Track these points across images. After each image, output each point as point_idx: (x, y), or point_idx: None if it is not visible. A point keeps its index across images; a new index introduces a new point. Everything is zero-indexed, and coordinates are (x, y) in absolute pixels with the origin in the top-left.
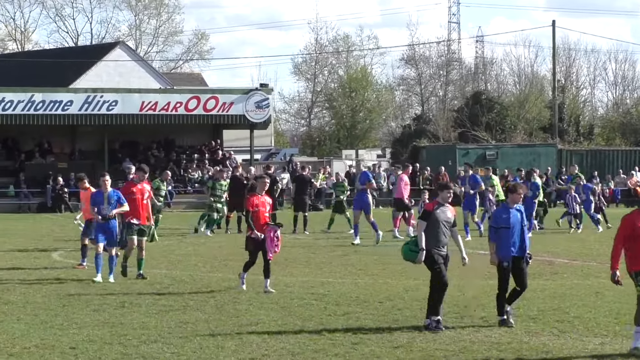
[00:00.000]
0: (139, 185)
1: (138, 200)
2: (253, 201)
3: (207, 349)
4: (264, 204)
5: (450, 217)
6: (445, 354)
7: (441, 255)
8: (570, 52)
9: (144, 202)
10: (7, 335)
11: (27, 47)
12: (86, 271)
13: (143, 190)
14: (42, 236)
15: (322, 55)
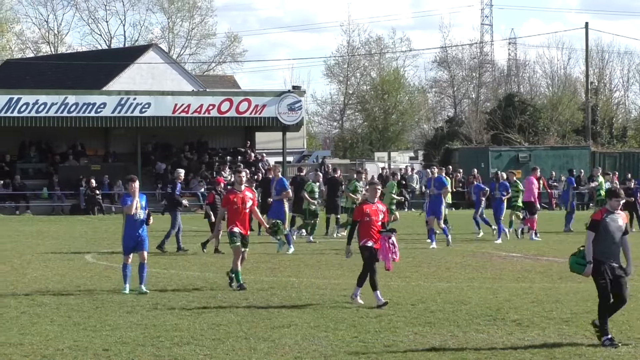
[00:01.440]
0: (240, 194)
1: (240, 209)
2: (363, 209)
3: (240, 351)
4: (377, 212)
5: (621, 224)
6: (478, 357)
7: (612, 268)
8: (604, 54)
9: (246, 210)
10: (40, 337)
11: (61, 50)
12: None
13: (245, 198)
14: (75, 238)
15: (355, 57)
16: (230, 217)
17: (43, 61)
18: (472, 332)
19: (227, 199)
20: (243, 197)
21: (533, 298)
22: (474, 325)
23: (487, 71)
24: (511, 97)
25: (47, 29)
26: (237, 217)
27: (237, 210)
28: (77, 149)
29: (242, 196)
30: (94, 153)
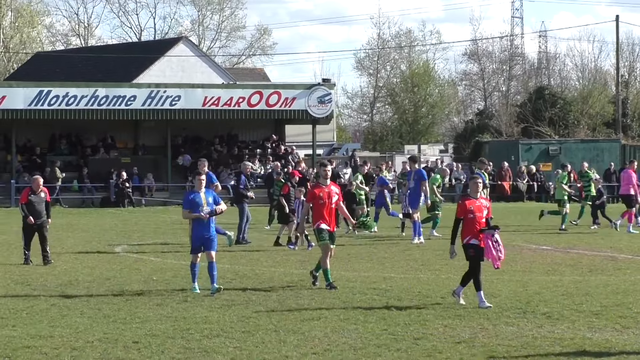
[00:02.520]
0: (326, 188)
1: (326, 204)
2: (466, 206)
3: (270, 343)
4: (481, 209)
5: None
6: (508, 350)
7: None
8: (634, 47)
9: (332, 205)
10: (70, 329)
11: (91, 43)
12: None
13: (330, 192)
14: (105, 231)
15: (385, 50)
16: (316, 212)
17: (73, 54)
18: (501, 325)
19: (312, 194)
20: (329, 191)
21: (563, 291)
22: (503, 318)
23: (517, 64)
24: (541, 90)
25: (77, 21)
26: (324, 212)
27: (323, 205)
28: (107, 142)
29: (327, 190)
30: (124, 146)
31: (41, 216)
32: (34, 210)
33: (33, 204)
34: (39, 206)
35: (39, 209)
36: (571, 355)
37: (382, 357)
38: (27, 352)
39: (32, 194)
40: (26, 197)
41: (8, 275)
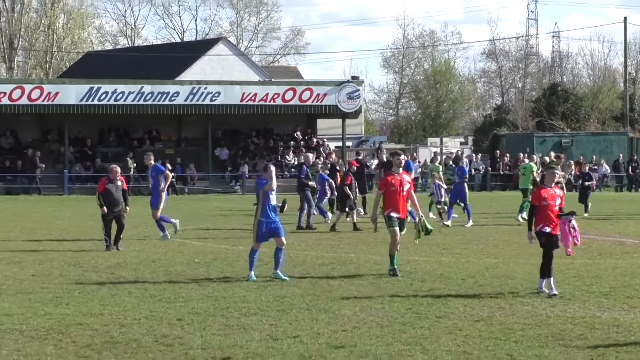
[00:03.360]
0: (398, 177)
1: (397, 191)
2: (541, 194)
3: (303, 321)
4: (554, 197)
5: None
6: (523, 327)
7: None
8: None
9: (403, 193)
10: (119, 308)
11: (137, 43)
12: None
13: (402, 181)
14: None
15: (409, 49)
16: (387, 199)
17: (121, 53)
18: (517, 305)
19: (385, 182)
20: (401, 180)
21: (574, 273)
22: (519, 298)
23: (532, 62)
24: (555, 87)
25: (125, 23)
26: (395, 199)
27: (395, 193)
28: (153, 135)
29: (400, 179)
30: (168, 138)
31: (118, 204)
32: (112, 199)
33: (110, 192)
34: (116, 194)
35: (117, 197)
36: (582, 332)
37: (407, 334)
38: (80, 329)
39: (109, 183)
40: (104, 186)
41: (62, 258)
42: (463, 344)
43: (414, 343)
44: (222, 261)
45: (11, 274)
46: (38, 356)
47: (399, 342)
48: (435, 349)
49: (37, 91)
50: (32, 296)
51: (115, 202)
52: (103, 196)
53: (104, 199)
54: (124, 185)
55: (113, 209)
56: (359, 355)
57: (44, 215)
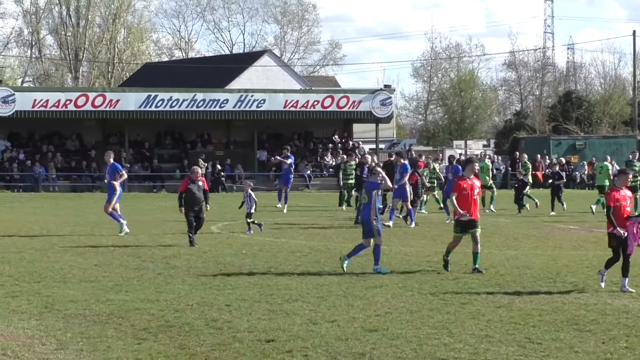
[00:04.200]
0: (470, 181)
1: (469, 196)
2: (614, 196)
3: (339, 307)
4: (626, 198)
5: None
6: (541, 313)
7: None
8: None
9: (475, 197)
10: (173, 295)
11: (190, 55)
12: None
13: (473, 185)
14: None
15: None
16: (459, 202)
17: (176, 64)
18: (535, 293)
19: (457, 185)
20: (472, 184)
21: (588, 264)
22: (537, 287)
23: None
24: (569, 94)
25: (179, 37)
26: (466, 203)
27: (466, 197)
28: (204, 138)
29: (471, 183)
30: (218, 141)
31: (199, 203)
32: (193, 198)
33: (192, 192)
34: (198, 194)
35: (198, 196)
36: (594, 318)
37: (434, 319)
38: (137, 313)
39: (191, 183)
40: (185, 186)
41: (121, 249)
42: (485, 328)
43: (440, 327)
44: (266, 252)
45: (76, 264)
46: (100, 339)
47: (427, 326)
48: (460, 332)
49: (100, 98)
50: (95, 284)
51: (197, 201)
52: (185, 195)
53: (186, 198)
54: (205, 185)
55: (194, 208)
56: (390, 338)
57: None
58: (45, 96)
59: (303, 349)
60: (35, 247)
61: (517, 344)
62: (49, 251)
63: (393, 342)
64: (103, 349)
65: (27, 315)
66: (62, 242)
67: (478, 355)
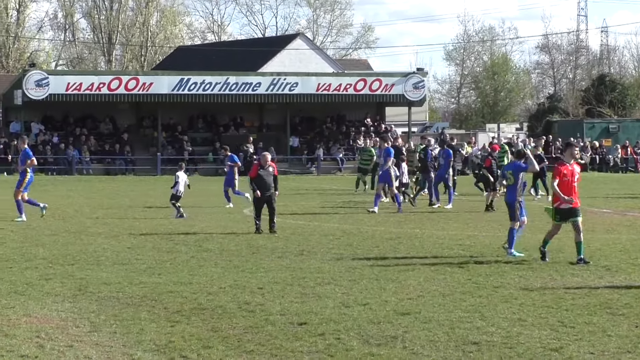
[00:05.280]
0: (570, 167)
1: (569, 181)
2: (561, 170)
3: (372, 290)
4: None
5: None
6: (573, 297)
7: None
8: None
9: (574, 183)
10: (206, 277)
11: (223, 38)
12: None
13: (574, 171)
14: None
15: (470, 44)
16: (560, 188)
17: (208, 47)
18: (568, 276)
19: (558, 171)
20: (572, 169)
21: (620, 247)
22: (570, 270)
23: (582, 55)
24: (603, 77)
25: (212, 20)
26: (566, 189)
27: (567, 183)
28: (237, 121)
29: (571, 169)
30: (251, 124)
31: (269, 189)
32: (263, 184)
33: (262, 177)
34: (267, 179)
35: (268, 182)
36: (627, 302)
37: (467, 302)
38: (171, 296)
39: (261, 169)
40: (255, 172)
41: (154, 232)
42: (518, 312)
43: (473, 310)
44: (298, 236)
45: (109, 246)
46: (133, 321)
47: (460, 309)
48: (493, 316)
49: (133, 82)
50: (128, 267)
51: (267, 186)
52: (255, 181)
53: (256, 183)
54: (274, 171)
55: (265, 193)
56: (422, 321)
57: (138, 193)
58: (78, 79)
59: (335, 332)
60: (69, 230)
61: (550, 328)
62: (82, 234)
63: (425, 326)
64: (136, 331)
65: (60, 297)
66: (96, 225)
67: (510, 338)
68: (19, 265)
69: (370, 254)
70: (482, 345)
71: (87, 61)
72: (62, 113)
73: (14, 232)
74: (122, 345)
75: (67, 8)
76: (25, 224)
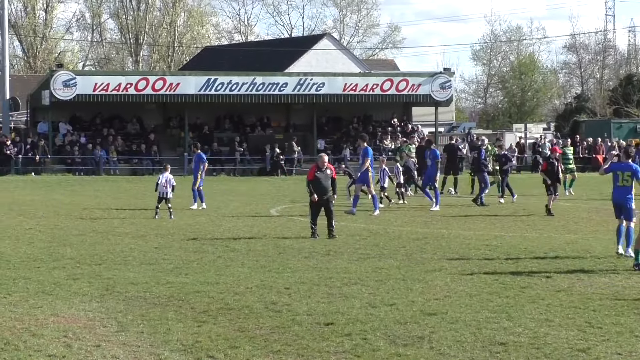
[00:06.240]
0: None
1: None
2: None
3: (399, 290)
4: None
5: None
6: (601, 297)
7: None
8: None
9: None
10: (233, 277)
11: (250, 38)
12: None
13: None
14: (261, 195)
15: (497, 43)
16: None
17: (235, 48)
18: (595, 277)
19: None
20: None
21: None
22: (597, 271)
23: (609, 55)
24: (630, 77)
25: (239, 20)
26: None
27: None
28: (264, 121)
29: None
30: (278, 124)
31: (327, 192)
32: (321, 187)
33: (319, 180)
34: (325, 182)
35: (325, 185)
36: None
37: (494, 303)
38: (197, 296)
39: (318, 171)
40: (313, 174)
41: (181, 232)
42: (545, 312)
43: (500, 311)
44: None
45: (136, 246)
46: (160, 321)
47: (487, 310)
48: (520, 316)
49: (160, 82)
50: (155, 267)
51: (324, 190)
52: (312, 184)
53: (313, 186)
54: (332, 173)
55: (322, 197)
56: (449, 321)
57: None
58: (106, 80)
59: (362, 332)
60: (96, 230)
61: (577, 328)
62: (109, 234)
63: (452, 326)
64: (163, 331)
65: (88, 297)
66: (123, 225)
67: (538, 339)
68: (47, 265)
69: (397, 254)
70: (509, 345)
71: (114, 61)
72: (90, 113)
73: (42, 232)
74: (149, 345)
75: (95, 8)
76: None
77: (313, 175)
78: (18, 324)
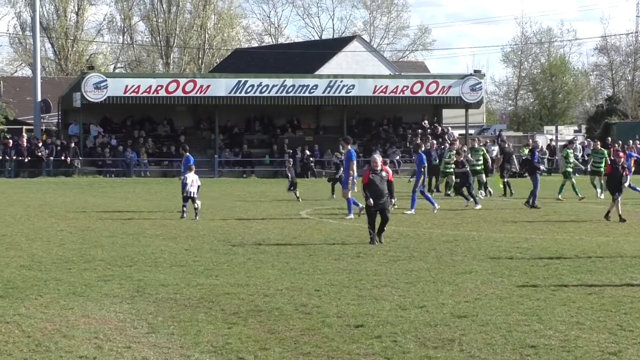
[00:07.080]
0: None
1: None
2: None
3: (429, 292)
4: None
5: None
6: (632, 300)
7: None
8: None
9: None
10: (263, 279)
11: (280, 40)
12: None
13: None
14: (290, 197)
15: (527, 45)
16: None
17: (265, 50)
18: (627, 280)
19: None
20: None
21: None
22: (629, 274)
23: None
24: None
25: (269, 23)
26: None
27: None
28: (294, 123)
29: None
30: (308, 126)
31: (383, 195)
32: (376, 190)
33: (374, 184)
34: (381, 186)
35: (381, 188)
36: None
37: (524, 305)
38: (228, 298)
39: (372, 174)
40: (367, 178)
41: (212, 234)
42: (576, 315)
43: (530, 313)
44: (355, 238)
45: (167, 248)
46: (190, 322)
47: (517, 312)
48: (551, 319)
49: (190, 84)
50: (185, 268)
51: (380, 193)
52: (368, 188)
53: (369, 191)
54: (389, 176)
55: (378, 201)
56: (480, 324)
57: None
58: (136, 82)
59: (392, 334)
60: (127, 232)
61: (609, 332)
62: (140, 236)
63: (482, 329)
64: (193, 332)
65: (119, 299)
66: (153, 226)
67: (568, 342)
68: (78, 267)
69: (427, 256)
70: (539, 348)
71: (145, 64)
72: (121, 115)
73: (73, 234)
74: (180, 347)
75: (126, 11)
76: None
77: (368, 178)
78: (49, 325)
